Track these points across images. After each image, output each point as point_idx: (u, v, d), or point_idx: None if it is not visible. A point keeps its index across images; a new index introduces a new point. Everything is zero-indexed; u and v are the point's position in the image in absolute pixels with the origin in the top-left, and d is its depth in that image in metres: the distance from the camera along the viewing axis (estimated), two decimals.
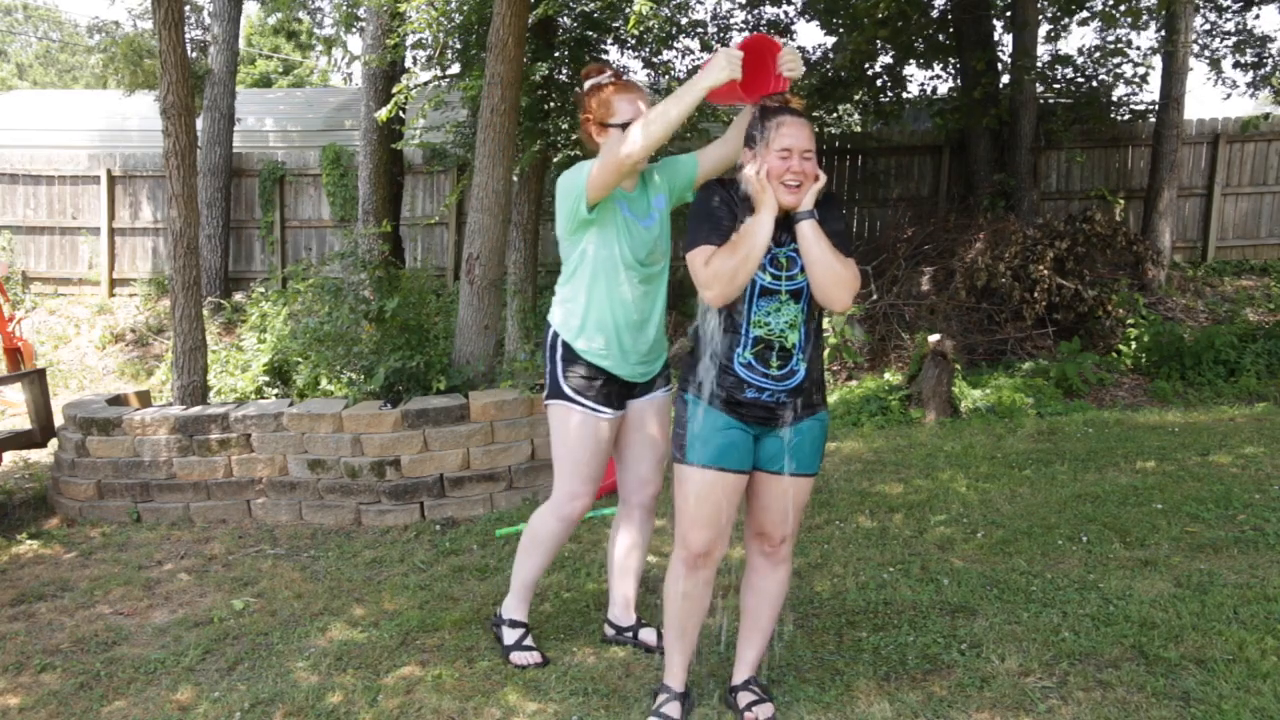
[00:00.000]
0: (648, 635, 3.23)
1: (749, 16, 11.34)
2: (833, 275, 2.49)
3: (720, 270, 2.48)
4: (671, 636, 2.75)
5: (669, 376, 3.18)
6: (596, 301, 2.95)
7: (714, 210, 2.58)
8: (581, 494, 3.04)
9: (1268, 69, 10.30)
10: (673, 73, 10.17)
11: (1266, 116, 10.19)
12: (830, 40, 11.47)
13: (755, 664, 2.82)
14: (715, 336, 2.59)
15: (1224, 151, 11.03)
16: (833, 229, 2.54)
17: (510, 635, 3.13)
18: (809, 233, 2.50)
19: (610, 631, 3.29)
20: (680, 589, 2.67)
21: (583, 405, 2.97)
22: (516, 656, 3.06)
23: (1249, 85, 10.50)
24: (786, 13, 11.21)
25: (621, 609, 3.27)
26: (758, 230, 2.48)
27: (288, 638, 3.45)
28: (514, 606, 3.19)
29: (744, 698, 2.75)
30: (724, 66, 2.54)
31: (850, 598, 3.55)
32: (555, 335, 3.02)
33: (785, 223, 2.54)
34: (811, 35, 53.39)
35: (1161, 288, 10.03)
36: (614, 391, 3.00)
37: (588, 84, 3.04)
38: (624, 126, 2.88)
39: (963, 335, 8.63)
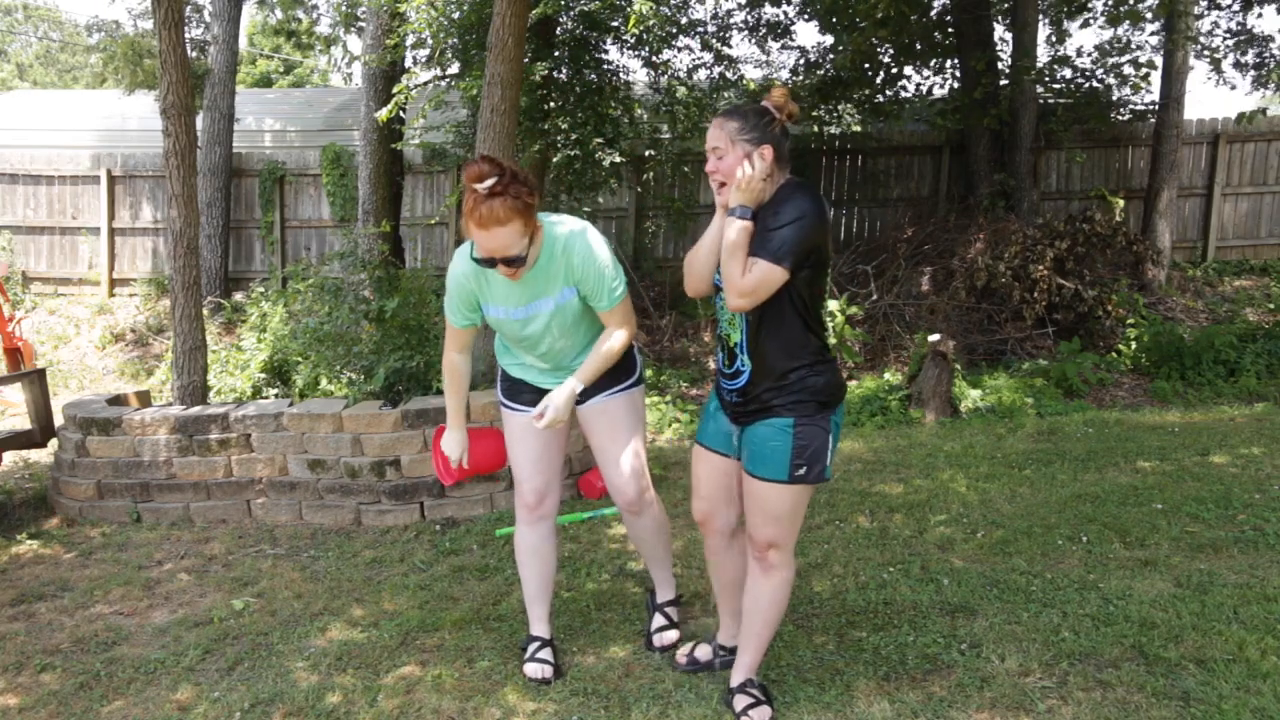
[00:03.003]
0: (655, 620, 3.27)
1: (749, 16, 11.34)
2: (724, 272, 2.51)
3: (685, 264, 2.77)
4: (716, 596, 3.06)
5: (617, 379, 3.03)
6: (503, 345, 3.11)
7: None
8: (522, 494, 3.10)
9: (1269, 68, 10.29)
10: (673, 71, 10.18)
11: (1264, 111, 10.18)
12: (829, 40, 11.45)
13: (750, 667, 2.78)
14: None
15: (1224, 151, 11.04)
16: (765, 227, 2.49)
17: (528, 648, 3.13)
18: (725, 230, 2.53)
19: (650, 600, 3.38)
20: (705, 556, 3.00)
21: (512, 407, 3.10)
22: (527, 668, 3.06)
23: (1252, 84, 10.50)
24: (786, 13, 11.21)
25: (657, 585, 3.33)
26: (708, 231, 2.67)
27: (288, 638, 3.45)
28: (529, 622, 3.19)
29: (740, 701, 2.74)
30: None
31: (850, 598, 3.55)
32: None
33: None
34: (811, 35, 53.40)
35: (1161, 288, 10.04)
36: (541, 396, 3.00)
37: (464, 180, 2.65)
38: (486, 262, 2.70)
39: (963, 335, 8.63)
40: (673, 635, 3.21)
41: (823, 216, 2.50)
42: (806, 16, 11.13)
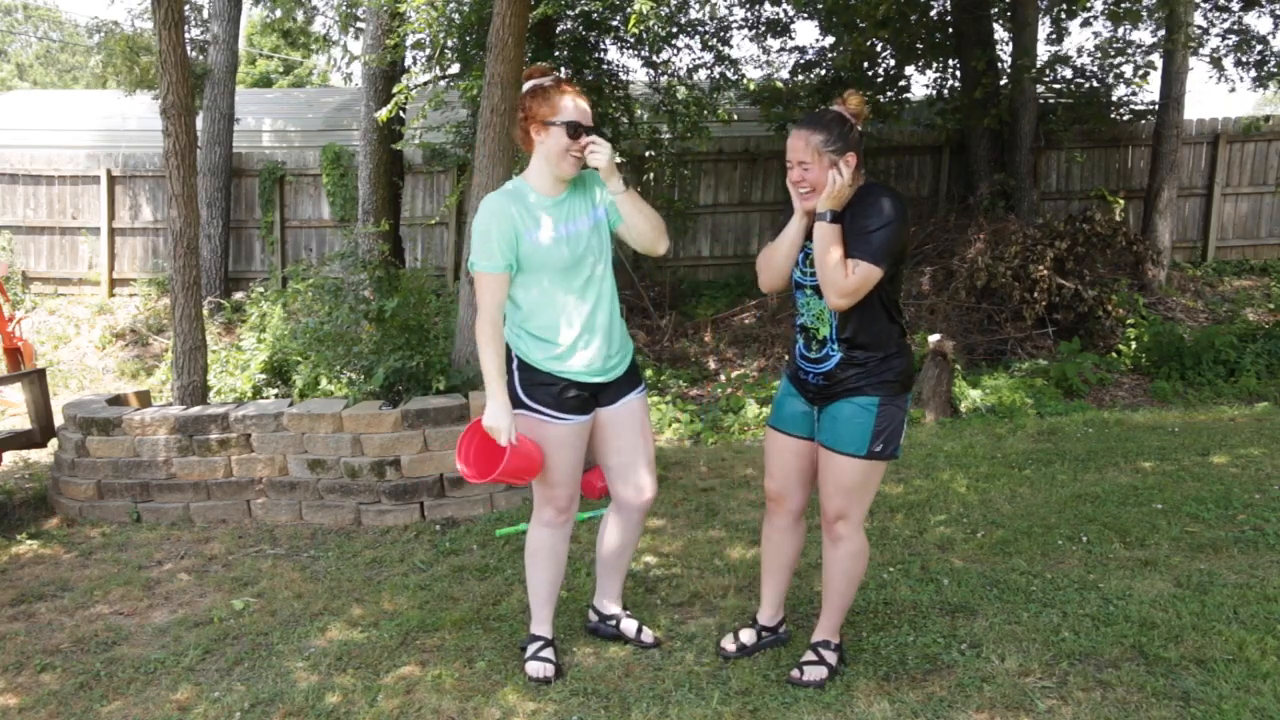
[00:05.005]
0: (628, 626, 3.26)
1: (749, 15, 11.33)
2: (823, 275, 2.69)
3: (758, 262, 2.93)
4: (762, 575, 3.16)
5: (639, 378, 3.13)
6: (531, 334, 2.93)
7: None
8: (556, 498, 3.03)
9: (1271, 67, 10.28)
10: (673, 71, 10.18)
11: (1267, 119, 10.20)
12: (830, 40, 11.44)
13: (828, 629, 2.98)
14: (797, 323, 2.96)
15: (1224, 151, 11.04)
16: (857, 228, 2.67)
17: (529, 647, 3.13)
18: (816, 234, 2.72)
19: (594, 618, 3.33)
20: (764, 532, 3.12)
21: (544, 414, 2.94)
22: (529, 667, 3.06)
23: (1254, 83, 10.49)
24: (786, 12, 11.20)
25: (609, 599, 3.30)
26: (784, 231, 2.84)
27: (288, 638, 3.45)
28: (532, 622, 3.18)
29: (806, 655, 2.97)
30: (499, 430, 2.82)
31: None
32: (507, 347, 3.00)
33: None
34: (811, 35, 53.40)
35: (1161, 288, 10.04)
36: (576, 397, 2.96)
37: (529, 84, 2.91)
38: (569, 126, 2.82)
39: (963, 335, 8.63)
40: (646, 632, 3.26)
41: (906, 217, 2.71)
42: (806, 16, 11.12)
